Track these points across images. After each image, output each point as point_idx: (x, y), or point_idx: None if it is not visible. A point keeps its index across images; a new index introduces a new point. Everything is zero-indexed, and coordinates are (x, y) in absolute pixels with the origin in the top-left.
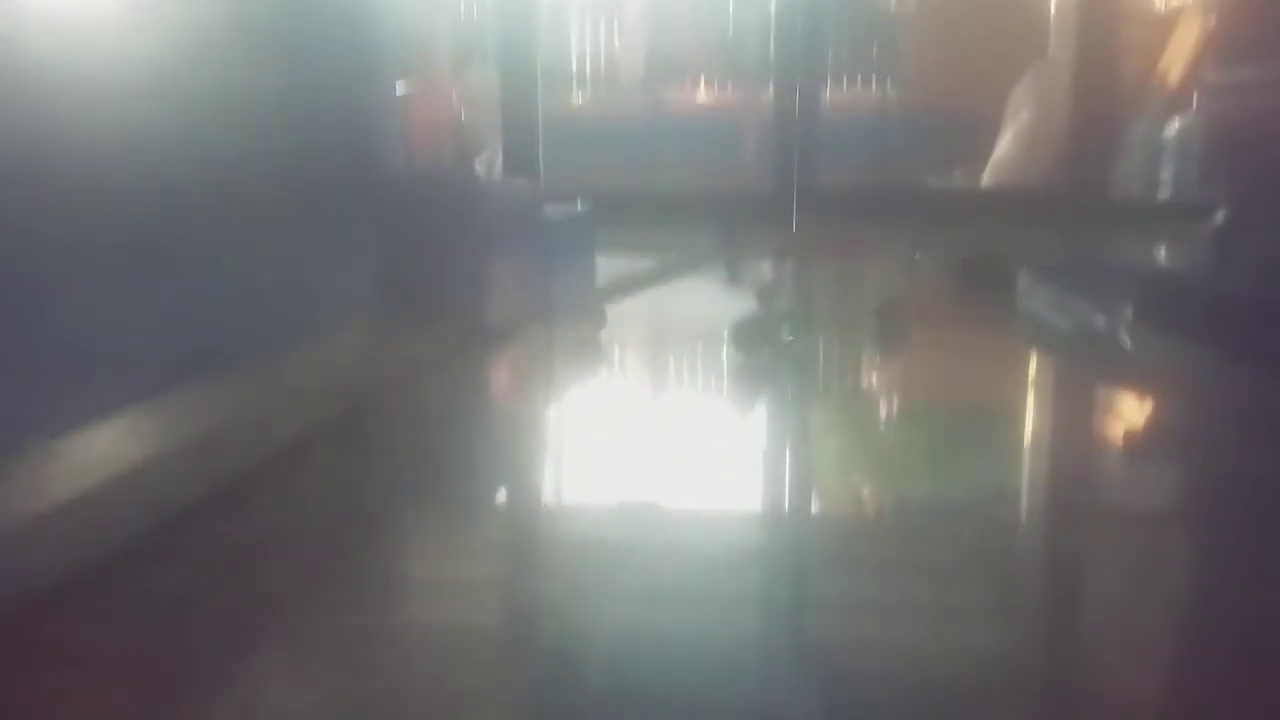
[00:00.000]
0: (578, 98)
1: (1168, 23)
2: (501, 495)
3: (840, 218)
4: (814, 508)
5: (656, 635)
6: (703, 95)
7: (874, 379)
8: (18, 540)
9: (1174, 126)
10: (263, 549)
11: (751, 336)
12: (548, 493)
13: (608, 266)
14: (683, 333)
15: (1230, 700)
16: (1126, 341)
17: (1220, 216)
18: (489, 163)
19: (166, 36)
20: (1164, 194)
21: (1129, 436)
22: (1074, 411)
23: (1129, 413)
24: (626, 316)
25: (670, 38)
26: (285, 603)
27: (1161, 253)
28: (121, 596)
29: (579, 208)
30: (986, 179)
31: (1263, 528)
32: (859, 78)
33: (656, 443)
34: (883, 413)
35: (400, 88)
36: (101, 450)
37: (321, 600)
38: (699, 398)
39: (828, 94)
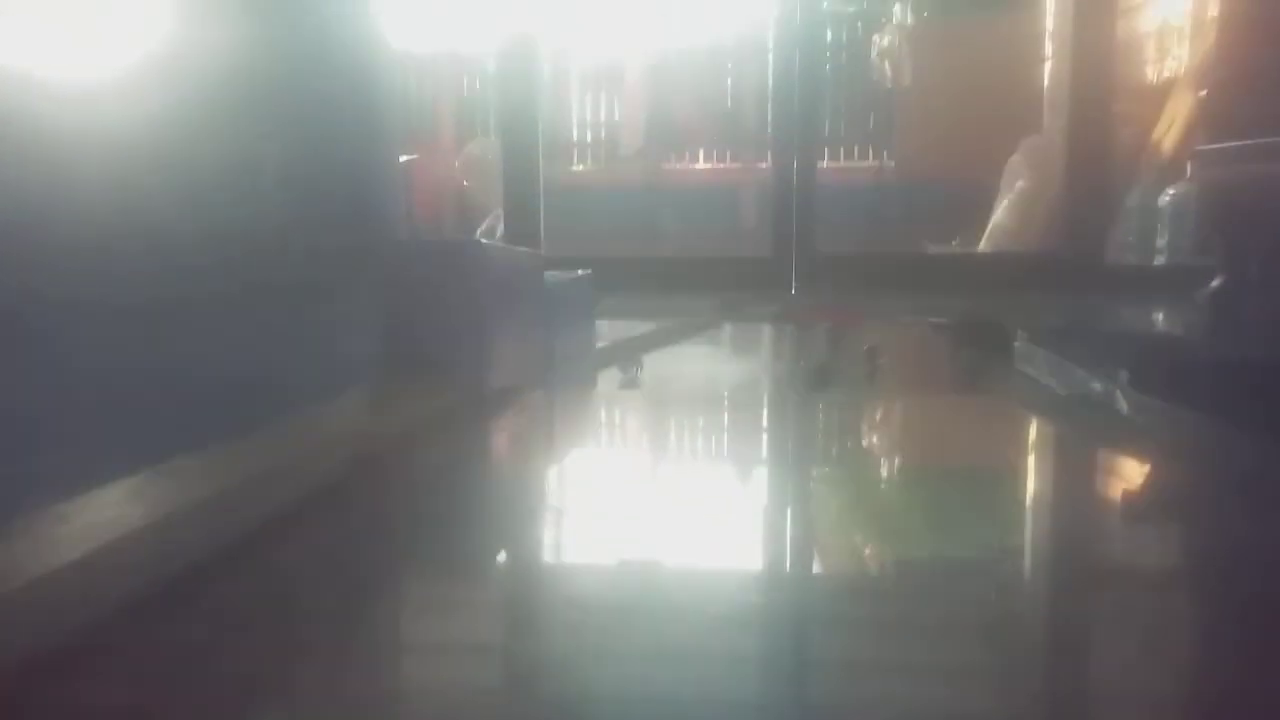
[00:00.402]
0: (579, 166)
1: (1160, 93)
2: (503, 555)
3: (839, 284)
4: (814, 569)
5: (659, 695)
6: (702, 164)
7: (873, 440)
8: (22, 601)
9: (1168, 194)
10: (265, 609)
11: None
12: (549, 553)
13: (609, 330)
14: (684, 394)
15: None
16: (1123, 405)
17: (1215, 282)
18: (491, 230)
19: (169, 105)
20: (1159, 260)
21: (1126, 500)
22: (1071, 475)
23: (1126, 476)
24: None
25: (670, 108)
26: (287, 662)
27: (1158, 318)
28: (124, 657)
29: (580, 274)
30: (984, 246)
31: (1262, 593)
32: (856, 148)
33: (659, 503)
34: (882, 473)
35: (404, 156)
36: (106, 513)
37: (323, 659)
38: (701, 459)
39: (825, 164)
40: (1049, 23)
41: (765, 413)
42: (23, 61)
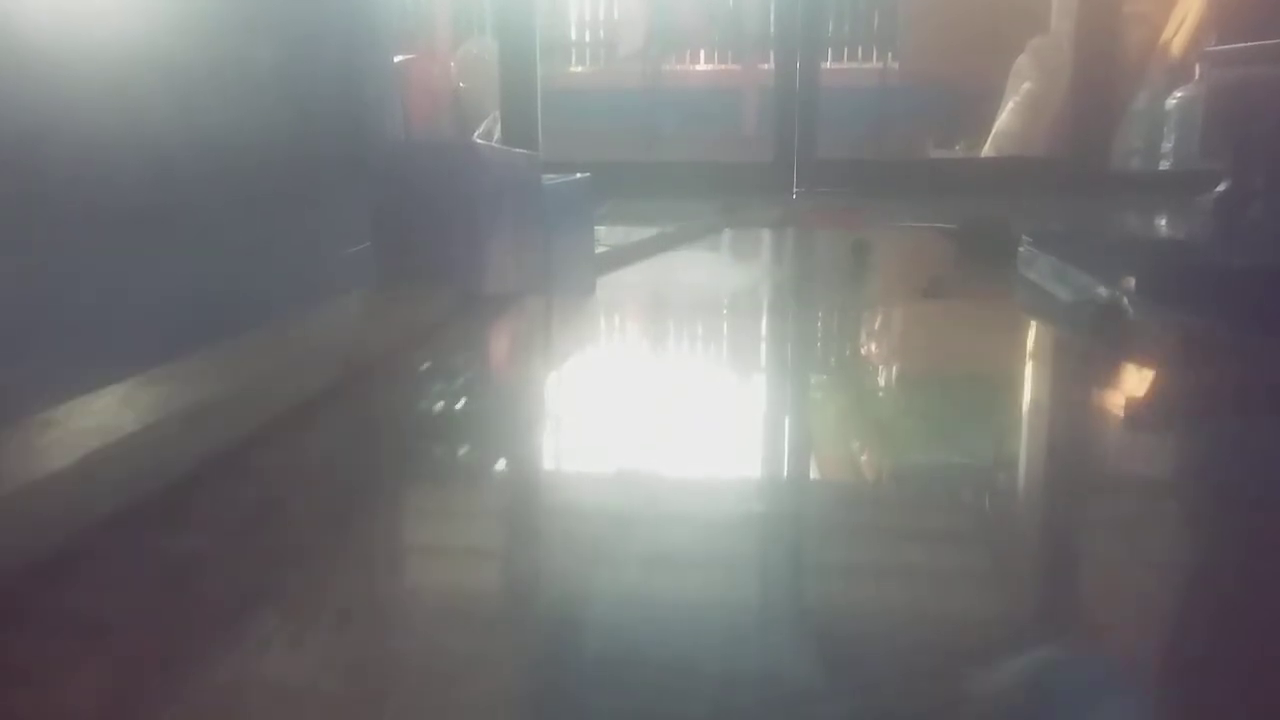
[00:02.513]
0: (577, 67)
1: None
2: (501, 462)
3: (841, 188)
4: (813, 474)
5: (656, 600)
6: (703, 66)
7: (873, 347)
8: (12, 508)
9: (1176, 97)
10: (263, 516)
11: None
12: (547, 459)
13: (607, 236)
14: (683, 301)
15: (1228, 666)
16: (1128, 311)
17: (1222, 187)
18: (488, 132)
19: (161, 8)
20: (1166, 164)
21: (1130, 405)
22: (1075, 380)
23: (1130, 382)
24: (625, 285)
25: (670, 8)
26: (286, 568)
27: (1164, 223)
28: (121, 563)
29: (578, 177)
30: (989, 150)
31: (1263, 497)
32: (860, 49)
33: (657, 410)
34: (881, 380)
35: (399, 57)
36: (99, 418)
37: (322, 565)
38: (699, 366)
39: (829, 65)
40: None
41: (764, 320)
42: None
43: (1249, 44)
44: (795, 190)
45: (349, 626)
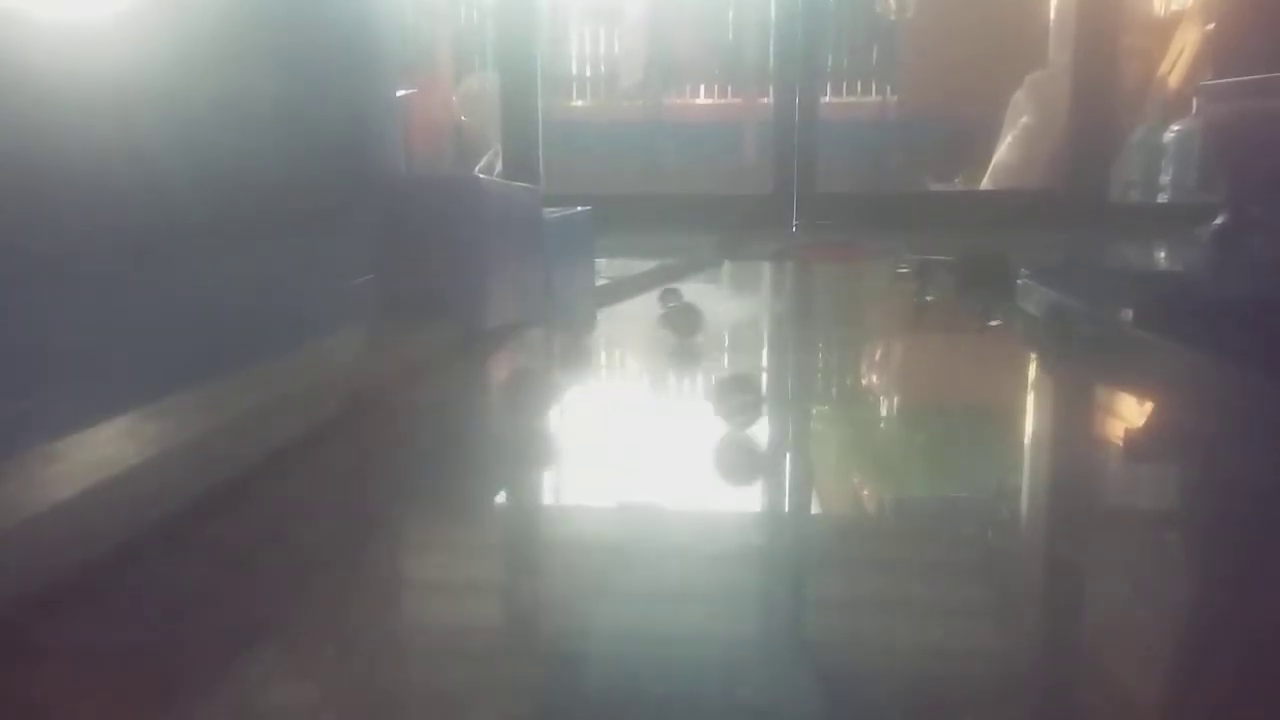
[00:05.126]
0: (578, 101)
1: (1167, 28)
2: (501, 496)
3: (840, 221)
4: (814, 507)
5: (656, 635)
6: (703, 99)
7: (873, 379)
8: (17, 540)
9: (1173, 130)
10: (262, 549)
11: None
12: (548, 493)
13: (609, 268)
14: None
15: (1230, 703)
16: (1126, 344)
17: (1219, 219)
18: (489, 166)
19: (165, 41)
20: (1163, 197)
21: (1129, 438)
22: (1073, 413)
23: (1128, 415)
24: (626, 317)
25: (670, 42)
26: (284, 602)
27: (1161, 255)
28: (120, 596)
29: (579, 210)
30: (987, 183)
31: (1263, 530)
32: (859, 83)
33: (656, 444)
34: (882, 412)
35: (400, 91)
36: (100, 452)
37: (320, 600)
38: (697, 400)
39: (828, 98)
40: None
41: (764, 352)
42: None
43: (1245, 78)
44: (795, 223)
45: (348, 660)
